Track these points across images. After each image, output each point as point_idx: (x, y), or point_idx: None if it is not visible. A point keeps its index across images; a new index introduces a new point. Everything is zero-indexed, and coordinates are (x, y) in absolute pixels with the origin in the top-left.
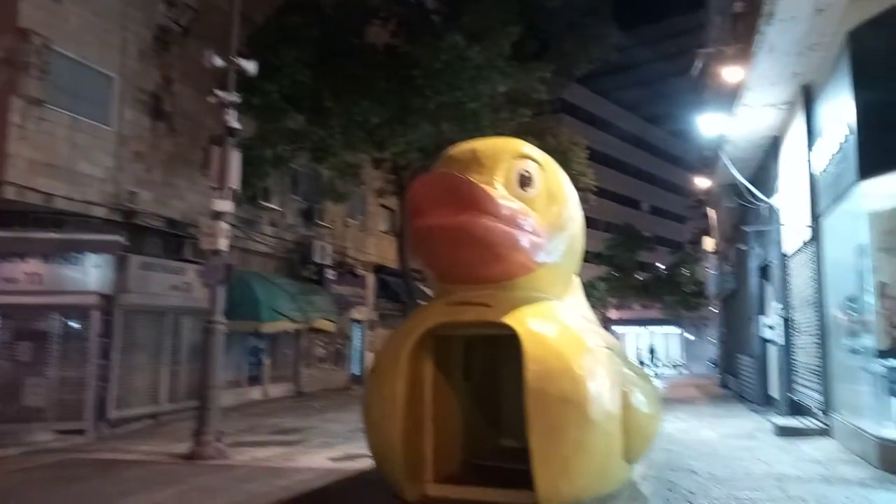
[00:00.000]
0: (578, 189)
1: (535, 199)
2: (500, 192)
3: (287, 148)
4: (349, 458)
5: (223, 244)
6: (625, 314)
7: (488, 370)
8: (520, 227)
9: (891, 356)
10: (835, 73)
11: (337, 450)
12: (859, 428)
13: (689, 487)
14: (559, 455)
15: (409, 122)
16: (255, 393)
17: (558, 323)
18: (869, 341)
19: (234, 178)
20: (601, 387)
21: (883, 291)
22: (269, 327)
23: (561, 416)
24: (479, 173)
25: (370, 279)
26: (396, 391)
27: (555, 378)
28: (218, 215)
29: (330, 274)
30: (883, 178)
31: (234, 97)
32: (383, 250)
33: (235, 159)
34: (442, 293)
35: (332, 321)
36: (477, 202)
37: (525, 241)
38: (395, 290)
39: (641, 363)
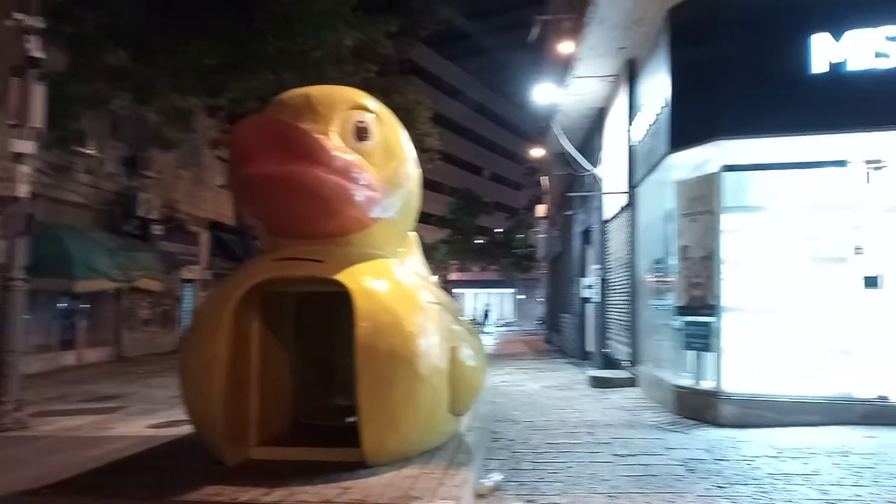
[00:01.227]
0: (422, 150)
1: (372, 152)
2: (334, 142)
3: (105, 86)
4: (171, 424)
5: (23, 191)
6: (464, 276)
7: (322, 328)
8: (354, 181)
9: (687, 313)
10: (656, 49)
11: (158, 417)
12: (660, 378)
13: (511, 436)
14: (387, 410)
15: (246, 68)
16: (69, 358)
17: (391, 280)
18: (670, 300)
19: (38, 117)
20: (430, 342)
21: (684, 254)
22: (83, 286)
23: (390, 372)
24: (313, 121)
25: (204, 236)
26: (217, 351)
27: (385, 334)
28: (17, 157)
29: (157, 229)
30: (690, 150)
31: (38, 22)
32: (219, 206)
33: (39, 94)
34: (272, 248)
35: (158, 280)
36: (309, 151)
37: (360, 195)
38: (232, 249)
39: (476, 322)
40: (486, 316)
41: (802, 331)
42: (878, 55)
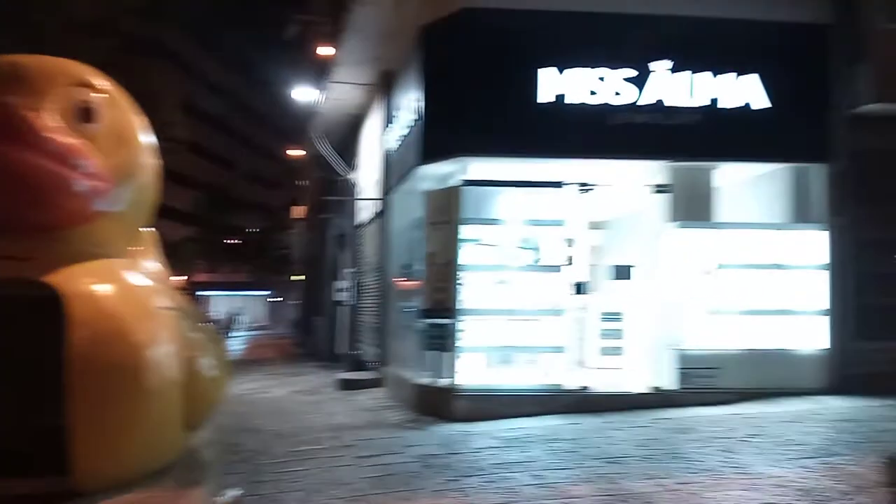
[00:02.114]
0: (165, 139)
1: (99, 136)
2: (49, 121)
3: None
4: None
5: None
6: (214, 277)
7: (29, 338)
8: (73, 168)
9: (430, 315)
10: (410, 64)
11: None
12: (403, 377)
13: (253, 447)
14: (106, 430)
15: None
16: None
17: (117, 282)
18: (416, 303)
19: None
20: (162, 353)
21: (430, 260)
22: None
23: (111, 387)
24: (25, 96)
25: None
26: None
27: (106, 344)
28: None
29: None
30: (437, 164)
31: None
32: None
33: None
34: None
35: None
36: (18, 131)
37: (80, 184)
38: None
39: (223, 327)
40: (235, 320)
41: (524, 330)
42: (591, 92)
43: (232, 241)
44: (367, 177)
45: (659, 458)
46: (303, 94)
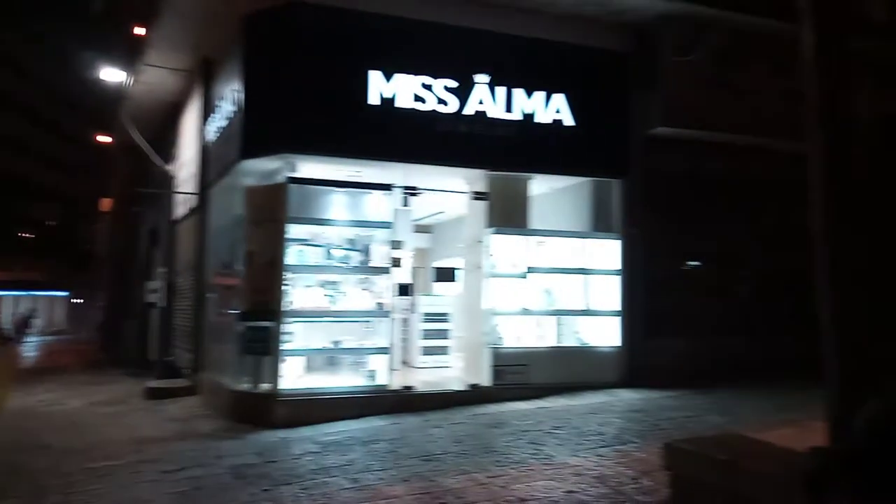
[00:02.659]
0: None
1: None
2: None
3: None
4: None
5: None
6: (3, 276)
7: None
8: None
9: (250, 318)
10: (231, 54)
11: None
12: (219, 384)
13: (40, 466)
14: None
15: None
16: None
17: None
18: (235, 304)
19: None
20: None
21: (250, 260)
22: None
23: None
24: None
25: None
26: None
27: None
28: None
29: None
30: (260, 160)
31: None
32: None
33: None
34: None
35: None
36: None
37: None
38: None
39: (13, 331)
40: (28, 324)
41: (349, 332)
42: (416, 98)
43: (26, 235)
44: (185, 169)
45: (473, 454)
46: (112, 75)
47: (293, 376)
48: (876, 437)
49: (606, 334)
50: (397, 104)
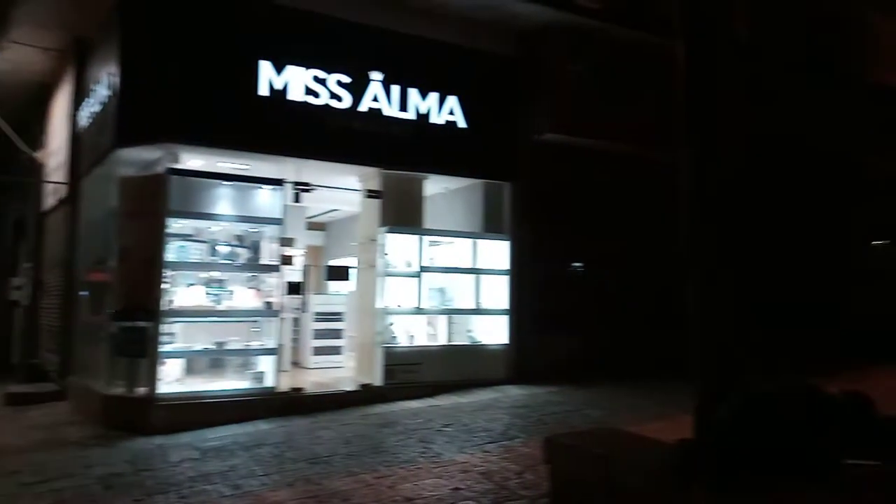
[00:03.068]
0: None
1: None
2: None
3: None
4: None
5: None
6: None
7: None
8: None
9: (125, 317)
10: (107, 33)
11: None
12: (91, 388)
13: None
14: None
15: None
16: None
17: None
18: (109, 303)
19: None
20: None
21: (127, 255)
22: None
23: None
24: None
25: None
26: None
27: None
28: None
29: None
30: (138, 149)
31: None
32: None
33: None
34: None
35: None
36: None
37: None
38: None
39: None
40: None
41: (235, 332)
42: (309, 92)
43: None
44: (54, 157)
45: (362, 454)
46: None
47: (172, 379)
48: (735, 429)
49: (496, 332)
50: (289, 97)
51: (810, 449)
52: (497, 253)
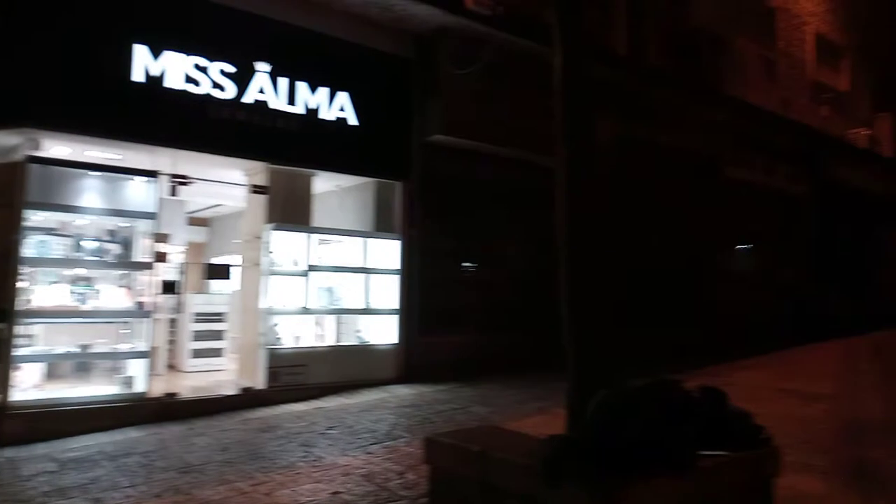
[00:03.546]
0: None
1: None
2: None
3: None
4: None
5: None
6: None
7: None
8: None
9: None
10: None
11: None
12: None
13: None
14: None
15: None
16: None
17: None
18: None
19: None
20: None
21: None
22: None
23: None
24: None
25: None
26: None
27: None
28: None
29: None
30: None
31: None
32: None
33: None
34: None
35: None
36: None
37: None
38: None
39: None
40: None
41: (102, 334)
42: (189, 80)
43: None
44: None
45: (239, 461)
46: None
47: (30, 386)
48: (597, 424)
49: (385, 332)
50: (166, 84)
51: (668, 442)
52: (388, 252)
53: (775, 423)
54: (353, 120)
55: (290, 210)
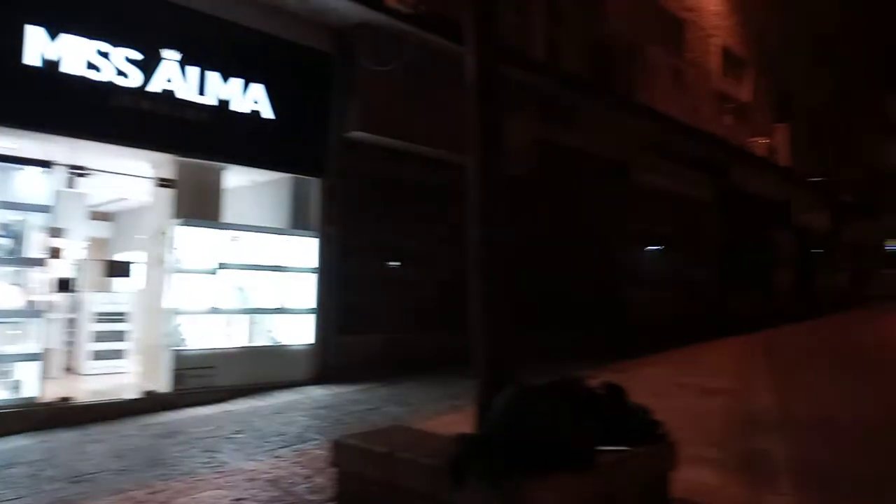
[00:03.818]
0: None
1: None
2: None
3: None
4: None
5: None
6: None
7: None
8: None
9: None
10: None
11: None
12: None
13: None
14: None
15: None
16: None
17: None
18: None
19: None
20: None
21: None
22: None
23: None
24: None
25: None
26: None
27: None
28: None
29: None
30: None
31: None
32: None
33: None
34: None
35: None
36: None
37: None
38: None
39: None
40: None
41: None
42: (90, 66)
43: None
44: None
45: (135, 469)
46: None
47: None
48: (505, 423)
49: (300, 332)
50: (63, 69)
51: (569, 439)
52: (304, 250)
53: (674, 418)
54: (268, 113)
55: (199, 205)
